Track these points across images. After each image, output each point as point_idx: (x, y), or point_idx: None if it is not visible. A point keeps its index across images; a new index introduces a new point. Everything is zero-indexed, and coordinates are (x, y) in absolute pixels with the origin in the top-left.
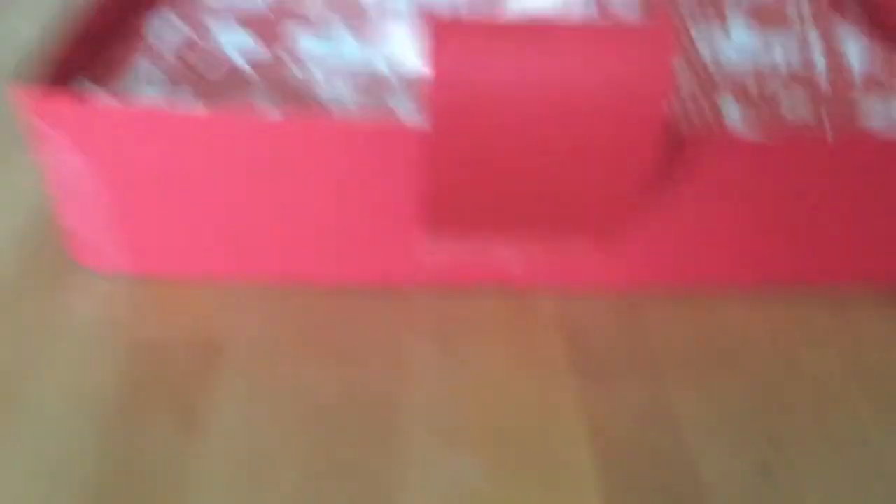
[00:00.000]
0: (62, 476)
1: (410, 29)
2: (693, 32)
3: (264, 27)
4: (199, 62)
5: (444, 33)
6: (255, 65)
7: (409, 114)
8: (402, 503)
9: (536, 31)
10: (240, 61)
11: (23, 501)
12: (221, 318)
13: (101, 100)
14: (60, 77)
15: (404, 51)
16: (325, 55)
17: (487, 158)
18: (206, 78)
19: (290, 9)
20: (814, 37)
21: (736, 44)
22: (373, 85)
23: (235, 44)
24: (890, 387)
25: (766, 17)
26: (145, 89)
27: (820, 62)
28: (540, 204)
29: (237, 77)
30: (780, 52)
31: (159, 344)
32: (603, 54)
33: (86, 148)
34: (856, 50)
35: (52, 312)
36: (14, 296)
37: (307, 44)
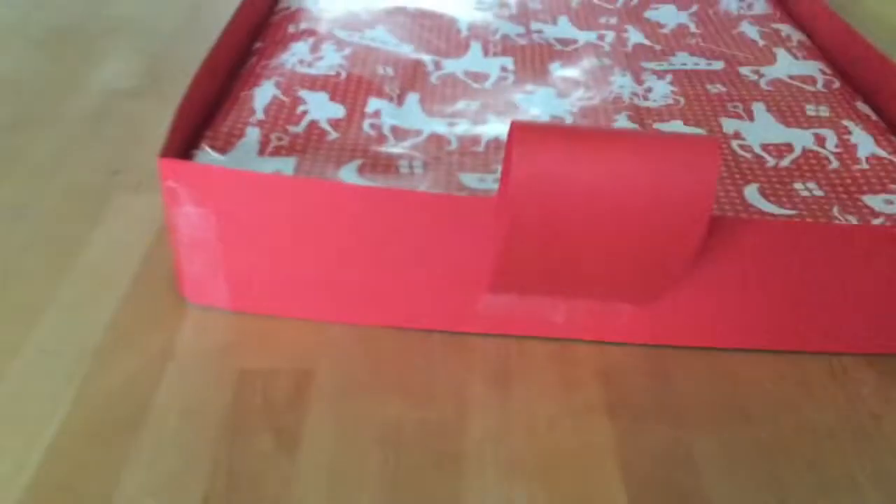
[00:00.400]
0: (177, 487)
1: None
2: (721, 121)
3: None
4: (292, 127)
5: (524, 135)
6: (335, 125)
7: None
8: None
9: (605, 135)
10: (324, 123)
11: None
12: (313, 353)
13: (219, 165)
14: (184, 146)
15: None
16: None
17: (553, 239)
18: (298, 139)
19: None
20: (829, 134)
21: (759, 133)
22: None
23: (322, 110)
24: (877, 441)
25: (788, 112)
26: (255, 155)
27: (833, 155)
28: (593, 276)
29: (321, 136)
30: (797, 143)
31: (260, 373)
32: (659, 161)
33: (205, 204)
34: (866, 149)
35: (167, 344)
36: (134, 330)
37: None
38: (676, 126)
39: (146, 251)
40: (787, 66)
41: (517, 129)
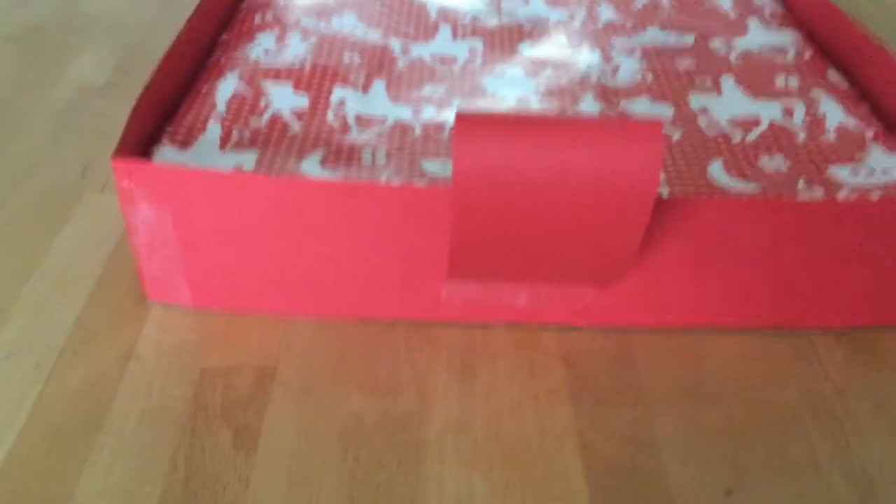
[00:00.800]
0: (134, 489)
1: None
2: (689, 97)
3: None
4: (254, 119)
5: (465, 126)
6: (298, 116)
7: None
8: None
9: (548, 123)
10: (287, 115)
11: None
12: (275, 348)
13: (177, 163)
14: (144, 142)
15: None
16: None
17: (503, 226)
18: (260, 132)
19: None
20: (798, 105)
21: (727, 108)
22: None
23: (286, 101)
24: (842, 420)
25: (757, 85)
26: (216, 149)
27: (800, 127)
28: (547, 261)
29: (284, 129)
30: (765, 116)
31: (221, 371)
32: (602, 148)
33: (161, 203)
34: (834, 119)
35: (129, 344)
36: (97, 330)
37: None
38: (643, 103)
39: (112, 250)
40: (758, 37)
41: (459, 120)
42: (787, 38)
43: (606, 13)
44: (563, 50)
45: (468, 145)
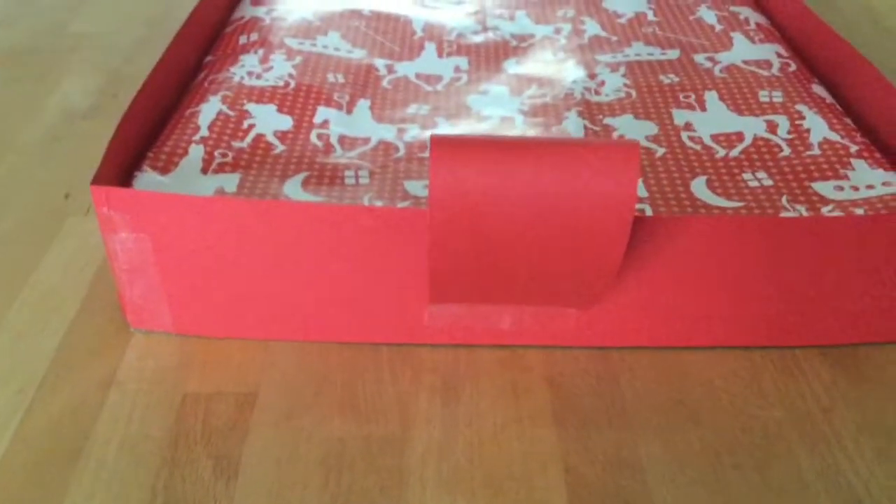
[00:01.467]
0: None
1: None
2: (673, 113)
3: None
4: (237, 142)
5: (441, 151)
6: (281, 138)
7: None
8: None
9: (523, 146)
10: (270, 136)
11: None
12: (257, 374)
13: (158, 189)
14: (125, 167)
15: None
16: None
17: (480, 252)
18: (243, 154)
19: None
20: (782, 120)
21: (711, 123)
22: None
23: (269, 123)
24: (827, 437)
25: (741, 100)
26: (198, 173)
27: (784, 142)
28: (527, 283)
29: (267, 150)
30: (749, 132)
31: (202, 397)
32: (578, 170)
33: (140, 229)
34: (819, 134)
35: (110, 371)
36: (78, 357)
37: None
38: (627, 120)
39: (95, 274)
40: (743, 50)
41: (435, 144)
42: (771, 52)
43: (592, 28)
44: (549, 66)
45: (444, 169)
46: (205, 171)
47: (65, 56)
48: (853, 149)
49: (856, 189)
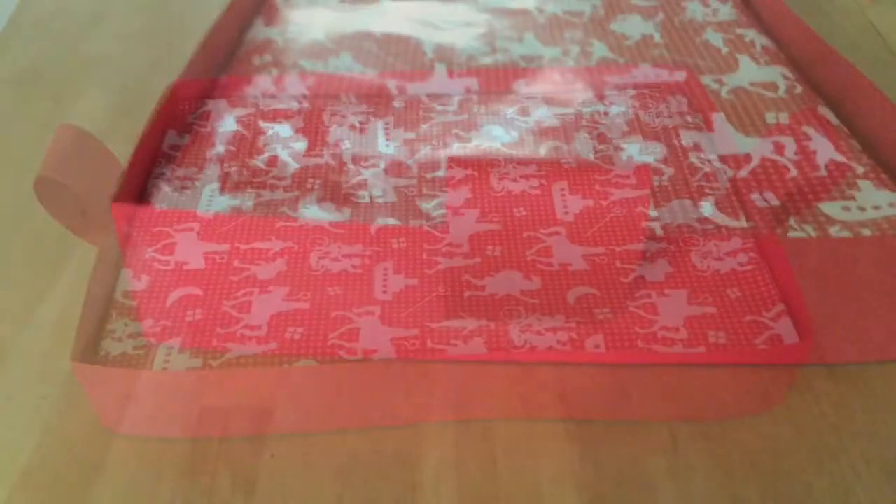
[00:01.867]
0: None
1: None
2: (681, 134)
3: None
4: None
5: (458, 167)
6: (296, 157)
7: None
8: None
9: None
10: (285, 156)
11: None
12: (270, 387)
13: (175, 207)
14: (142, 186)
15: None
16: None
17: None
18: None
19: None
20: (789, 141)
21: (718, 145)
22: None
23: (284, 143)
24: (837, 454)
25: (748, 122)
26: (215, 192)
27: (791, 164)
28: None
29: (282, 170)
30: (756, 153)
31: (220, 411)
32: (591, 188)
33: (160, 246)
34: (825, 155)
35: (128, 384)
36: (98, 369)
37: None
38: (635, 142)
39: (103, 295)
40: (749, 72)
41: (452, 163)
42: (777, 74)
43: (600, 50)
44: (557, 88)
45: (459, 189)
46: (221, 189)
47: (79, 77)
48: (859, 170)
49: (862, 209)
